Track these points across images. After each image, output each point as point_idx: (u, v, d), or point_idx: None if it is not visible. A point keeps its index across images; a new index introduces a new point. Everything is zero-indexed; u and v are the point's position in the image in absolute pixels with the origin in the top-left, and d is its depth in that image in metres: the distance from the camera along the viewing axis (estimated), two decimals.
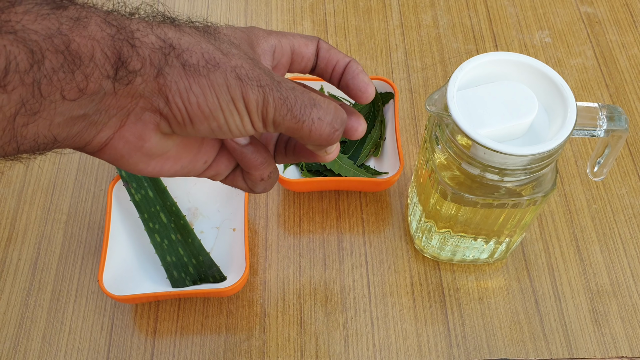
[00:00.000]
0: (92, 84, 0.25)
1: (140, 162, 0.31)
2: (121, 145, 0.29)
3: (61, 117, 0.25)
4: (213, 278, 0.53)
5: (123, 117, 0.28)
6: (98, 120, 0.27)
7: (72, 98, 0.25)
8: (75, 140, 0.28)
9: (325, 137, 0.31)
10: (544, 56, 0.68)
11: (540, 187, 0.44)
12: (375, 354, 0.51)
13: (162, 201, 0.54)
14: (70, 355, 0.51)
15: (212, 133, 0.30)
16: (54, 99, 0.25)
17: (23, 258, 0.56)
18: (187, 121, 0.29)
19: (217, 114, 0.29)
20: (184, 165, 0.33)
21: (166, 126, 0.29)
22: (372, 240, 0.57)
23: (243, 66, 0.29)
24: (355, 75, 0.34)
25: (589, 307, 0.53)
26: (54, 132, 0.26)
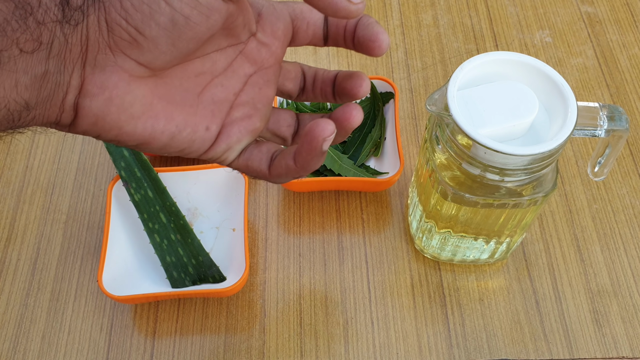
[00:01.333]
0: (45, 31, 0.24)
1: (124, 122, 0.28)
2: (88, 102, 0.27)
3: (25, 75, 0.24)
4: (213, 278, 0.53)
5: (80, 70, 0.26)
6: (61, 80, 0.26)
7: (30, 50, 0.24)
8: (47, 108, 0.26)
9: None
10: (545, 56, 0.68)
11: (540, 187, 0.44)
12: (375, 355, 0.51)
13: (162, 201, 0.54)
14: (70, 355, 0.51)
15: (171, 38, 0.26)
16: (12, 53, 0.24)
17: (22, 258, 0.56)
18: (133, 34, 0.26)
19: (156, 3, 0.25)
20: (179, 126, 0.29)
21: (125, 60, 0.26)
22: (372, 241, 0.57)
23: None
24: (367, 26, 0.30)
25: (590, 308, 0.53)
26: (23, 95, 0.25)
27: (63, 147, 0.62)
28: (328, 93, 0.34)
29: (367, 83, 0.32)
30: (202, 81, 0.30)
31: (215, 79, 0.31)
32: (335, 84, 0.33)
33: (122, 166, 0.53)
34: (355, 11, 0.27)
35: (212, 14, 0.26)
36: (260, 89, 0.32)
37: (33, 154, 0.62)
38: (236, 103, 0.31)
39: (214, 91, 0.31)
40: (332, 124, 0.29)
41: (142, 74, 0.27)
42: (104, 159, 0.61)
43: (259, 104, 0.32)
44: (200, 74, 0.30)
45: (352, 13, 0.27)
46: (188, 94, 0.30)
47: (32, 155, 0.62)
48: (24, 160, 0.61)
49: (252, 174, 0.33)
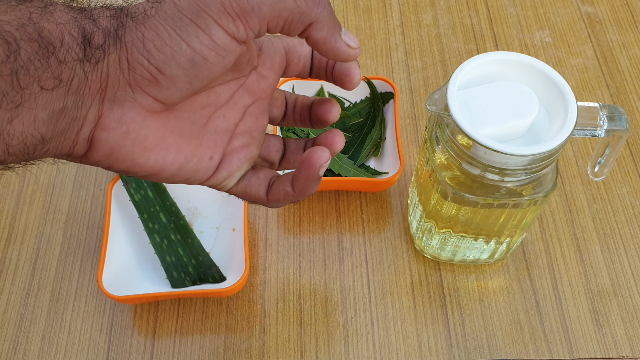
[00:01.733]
0: (66, 69, 0.25)
1: (137, 153, 0.29)
2: (105, 135, 0.28)
3: (43, 111, 0.25)
4: (213, 278, 0.53)
5: (98, 105, 0.27)
6: (78, 115, 0.27)
7: (50, 87, 0.25)
8: (62, 141, 0.27)
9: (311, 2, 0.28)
10: (545, 56, 0.68)
11: (540, 187, 0.44)
12: (375, 355, 0.51)
13: (162, 201, 0.54)
14: (70, 355, 0.51)
15: (188, 77, 0.27)
16: (33, 90, 0.24)
17: (22, 258, 0.56)
18: (154, 73, 0.27)
19: (177, 45, 0.26)
20: (187, 157, 0.31)
21: (143, 96, 0.28)
22: (372, 241, 0.57)
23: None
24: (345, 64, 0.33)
25: (590, 308, 0.53)
26: (40, 130, 0.26)
27: None
28: (305, 118, 0.36)
29: (336, 109, 0.35)
30: (207, 113, 0.32)
31: (218, 110, 0.32)
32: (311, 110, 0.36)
33: None
34: (354, 55, 0.30)
35: (228, 55, 0.28)
36: (257, 119, 0.34)
37: None
38: (236, 133, 0.33)
39: (217, 122, 0.32)
40: (327, 152, 0.32)
41: (157, 108, 0.29)
42: None
43: (255, 133, 0.34)
44: (205, 106, 0.32)
45: (350, 57, 0.30)
46: (195, 126, 0.31)
47: None
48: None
49: (250, 199, 0.35)
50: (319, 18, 0.29)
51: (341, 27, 0.30)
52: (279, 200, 0.34)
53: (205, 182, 0.33)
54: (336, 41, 0.30)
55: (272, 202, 0.35)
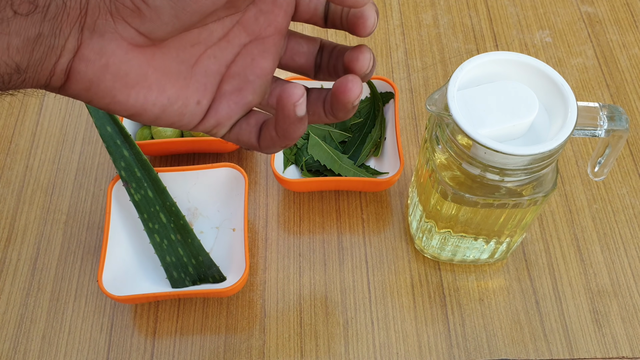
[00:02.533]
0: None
1: (117, 90, 0.27)
2: (84, 67, 0.26)
3: (17, 38, 0.24)
4: (213, 278, 0.53)
5: (77, 34, 0.26)
6: (55, 43, 0.25)
7: (24, 12, 0.24)
8: (38, 71, 0.26)
9: None
10: (545, 56, 0.68)
11: (540, 187, 0.44)
12: (375, 355, 0.51)
13: (162, 201, 0.54)
14: (70, 355, 0.51)
15: (175, 9, 0.26)
16: (6, 14, 0.23)
17: (22, 258, 0.56)
18: (137, 2, 0.25)
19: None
20: (171, 99, 0.29)
21: (125, 27, 0.26)
22: (372, 241, 0.57)
23: None
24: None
25: (590, 308, 0.53)
26: (14, 58, 0.24)
27: (63, 147, 0.62)
28: (340, 72, 0.32)
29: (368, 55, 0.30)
30: (197, 52, 0.29)
31: (208, 49, 0.30)
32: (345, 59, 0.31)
33: (122, 166, 0.53)
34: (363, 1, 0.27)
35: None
36: (254, 59, 0.30)
37: (33, 154, 0.62)
38: (227, 75, 0.30)
39: (206, 63, 0.30)
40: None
41: (141, 43, 0.27)
42: (104, 159, 0.61)
43: (251, 76, 0.31)
44: (195, 44, 0.29)
45: (359, 2, 0.27)
46: (182, 65, 0.29)
47: (32, 155, 0.62)
48: (24, 160, 0.61)
49: (244, 146, 0.33)
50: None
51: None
52: (269, 146, 0.31)
53: (194, 128, 0.31)
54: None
55: (264, 148, 0.32)
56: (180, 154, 0.61)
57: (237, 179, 0.55)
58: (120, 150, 0.53)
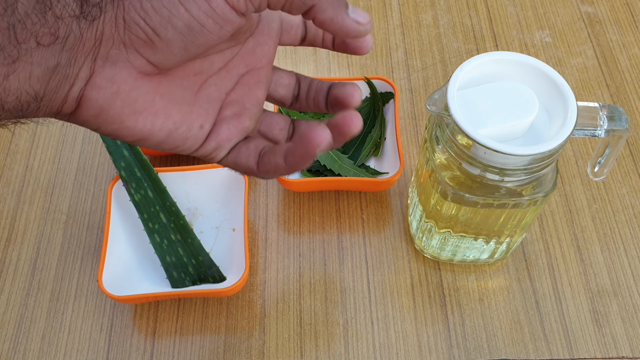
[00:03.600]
0: (62, 26, 0.25)
1: (125, 116, 0.28)
2: (95, 94, 0.27)
3: (38, 67, 0.25)
4: (213, 278, 0.53)
5: (91, 63, 0.27)
6: (70, 72, 0.27)
7: (47, 43, 0.25)
8: (53, 99, 0.27)
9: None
10: (545, 56, 0.68)
11: (540, 187, 0.44)
12: (375, 355, 0.51)
13: (162, 201, 0.54)
14: (70, 355, 0.51)
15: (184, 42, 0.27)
16: (30, 45, 0.24)
17: (22, 258, 0.56)
18: (150, 34, 0.26)
19: (175, 8, 0.26)
20: (177, 123, 0.30)
21: (137, 57, 0.27)
22: (372, 241, 0.57)
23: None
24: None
25: (590, 308, 0.53)
26: (34, 86, 0.26)
27: (63, 147, 0.62)
28: (321, 103, 0.35)
29: (359, 93, 0.33)
30: (199, 80, 0.31)
31: (210, 78, 0.32)
32: (328, 94, 0.35)
33: (122, 166, 0.53)
34: (364, 31, 0.29)
35: (226, 24, 0.27)
36: (250, 89, 0.33)
37: (33, 154, 0.62)
38: (227, 101, 0.32)
39: (209, 90, 0.32)
40: (327, 132, 0.29)
41: (149, 71, 0.28)
42: (104, 159, 0.61)
43: (248, 104, 0.33)
44: (198, 73, 0.31)
45: (361, 33, 0.29)
46: (186, 92, 0.31)
47: (32, 155, 0.62)
48: (24, 160, 0.61)
49: (240, 170, 0.34)
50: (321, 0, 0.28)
51: (347, 3, 0.29)
52: (269, 171, 0.33)
53: (195, 152, 0.32)
54: (343, 20, 0.28)
55: (263, 173, 0.34)
56: (180, 154, 0.61)
57: (237, 179, 0.55)
58: (120, 150, 0.53)
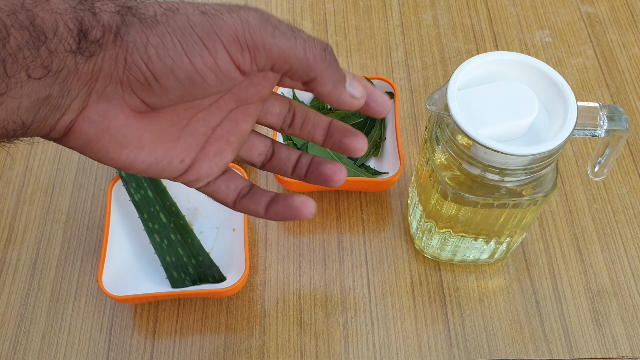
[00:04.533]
0: (56, 60, 0.25)
1: (112, 149, 0.29)
2: (86, 127, 0.27)
3: (28, 99, 0.25)
4: (213, 278, 0.53)
5: (85, 96, 0.27)
6: (61, 103, 0.26)
7: (38, 76, 0.24)
8: (41, 126, 0.27)
9: (319, 57, 0.28)
10: (545, 56, 0.68)
11: (540, 187, 0.44)
12: (375, 355, 0.51)
13: (162, 201, 0.54)
14: (70, 355, 0.51)
15: (182, 91, 0.27)
16: (20, 78, 0.24)
17: (22, 258, 0.56)
18: (150, 79, 0.26)
19: (180, 60, 0.26)
20: (158, 158, 0.31)
21: (132, 97, 0.27)
22: (372, 241, 0.56)
23: (210, 2, 0.27)
24: (346, 135, 0.34)
25: (590, 308, 0.53)
26: (22, 117, 0.25)
27: (63, 147, 0.62)
28: (317, 138, 0.35)
29: (364, 142, 0.34)
30: (189, 115, 0.32)
31: (199, 113, 0.32)
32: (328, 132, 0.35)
33: None
34: (358, 105, 0.31)
35: (227, 81, 0.28)
36: (237, 123, 0.33)
37: (33, 154, 0.62)
38: (212, 137, 0.33)
39: (195, 125, 0.32)
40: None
41: (143, 110, 0.28)
42: None
43: (232, 137, 0.33)
44: (189, 108, 0.31)
45: (354, 107, 0.31)
46: (174, 128, 0.31)
47: (32, 155, 0.62)
48: (24, 160, 0.61)
49: (216, 200, 0.35)
50: (323, 74, 0.29)
51: (346, 77, 0.30)
52: (245, 212, 0.35)
53: (173, 179, 0.33)
54: (340, 94, 0.30)
55: (237, 210, 0.35)
56: None
57: None
58: None
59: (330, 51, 0.29)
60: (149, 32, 0.26)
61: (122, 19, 0.26)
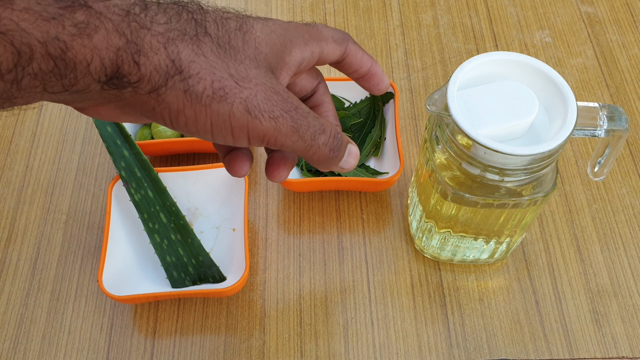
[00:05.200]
0: (79, 84, 0.24)
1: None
2: (91, 113, 0.29)
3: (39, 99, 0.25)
4: (213, 278, 0.53)
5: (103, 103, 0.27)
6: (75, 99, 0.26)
7: (55, 92, 0.24)
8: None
9: (324, 158, 0.32)
10: (545, 56, 0.68)
11: (540, 187, 0.44)
12: (375, 355, 0.51)
13: (162, 201, 0.54)
14: (70, 355, 0.51)
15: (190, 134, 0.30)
16: (35, 91, 0.24)
17: (23, 258, 0.56)
18: (168, 124, 0.28)
19: (205, 136, 0.28)
20: None
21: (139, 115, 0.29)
22: (372, 241, 0.57)
23: (257, 96, 0.28)
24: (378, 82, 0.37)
25: (590, 307, 0.53)
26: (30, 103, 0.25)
27: (63, 147, 0.62)
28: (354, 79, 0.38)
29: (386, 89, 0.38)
30: None
31: None
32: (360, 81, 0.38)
33: (122, 166, 0.53)
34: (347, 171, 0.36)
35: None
36: None
37: (33, 154, 0.62)
38: None
39: None
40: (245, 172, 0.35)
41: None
42: (104, 159, 0.61)
43: None
44: None
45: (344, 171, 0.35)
46: None
47: (32, 155, 0.62)
48: (24, 160, 0.61)
49: None
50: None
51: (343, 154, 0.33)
52: None
53: None
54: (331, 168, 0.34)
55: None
56: (180, 154, 0.61)
57: (237, 179, 0.55)
58: (120, 150, 0.53)
59: (338, 154, 0.33)
60: (189, 105, 0.27)
61: (166, 82, 0.26)
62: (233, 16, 0.30)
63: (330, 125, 0.32)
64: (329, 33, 0.34)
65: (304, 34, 0.33)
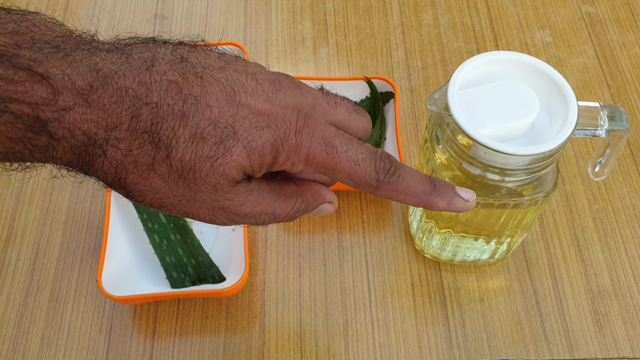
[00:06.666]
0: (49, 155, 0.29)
1: None
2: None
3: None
4: (212, 278, 0.53)
5: None
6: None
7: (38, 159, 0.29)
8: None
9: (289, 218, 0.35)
10: (545, 55, 0.68)
11: (541, 187, 0.44)
12: (375, 355, 0.51)
13: None
14: (69, 355, 0.51)
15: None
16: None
17: (22, 258, 0.55)
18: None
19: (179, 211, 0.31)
20: None
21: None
22: (373, 241, 0.56)
23: (198, 212, 0.32)
24: None
25: (590, 308, 0.53)
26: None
27: None
28: None
29: None
30: None
31: None
32: None
33: None
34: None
35: None
36: None
37: None
38: None
39: None
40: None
41: None
42: None
43: None
44: None
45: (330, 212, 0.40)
46: None
47: None
48: None
49: None
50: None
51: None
52: None
53: None
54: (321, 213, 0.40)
55: None
56: None
57: None
58: None
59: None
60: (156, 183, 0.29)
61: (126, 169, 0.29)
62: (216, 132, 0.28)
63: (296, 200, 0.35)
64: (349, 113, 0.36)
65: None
